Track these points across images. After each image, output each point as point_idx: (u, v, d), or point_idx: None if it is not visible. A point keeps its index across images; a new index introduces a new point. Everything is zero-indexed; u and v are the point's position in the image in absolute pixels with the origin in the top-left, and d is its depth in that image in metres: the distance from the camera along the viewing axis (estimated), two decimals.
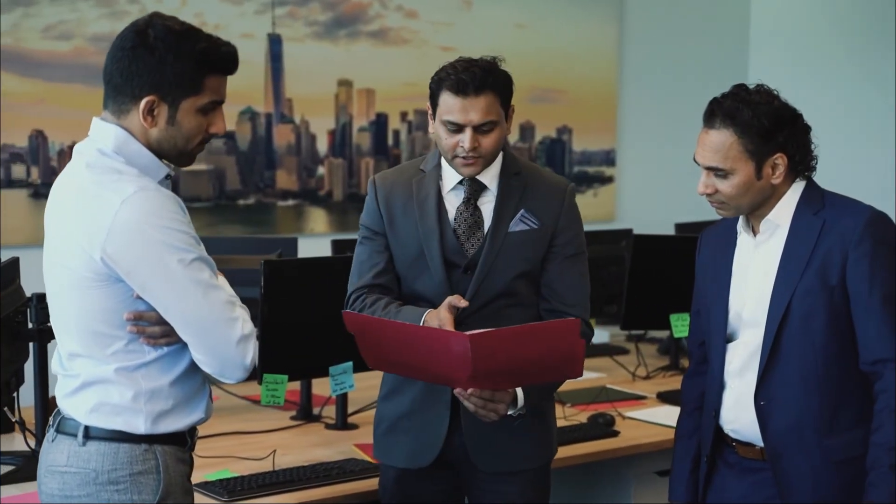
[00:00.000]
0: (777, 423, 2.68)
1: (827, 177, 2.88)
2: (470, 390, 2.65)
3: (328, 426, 3.78)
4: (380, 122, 6.09)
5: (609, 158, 6.97)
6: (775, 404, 2.67)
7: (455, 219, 2.89)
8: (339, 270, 3.23)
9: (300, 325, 3.51)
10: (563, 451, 3.52)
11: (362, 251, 2.97)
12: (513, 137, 6.40)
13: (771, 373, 2.68)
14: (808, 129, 2.70)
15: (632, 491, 3.84)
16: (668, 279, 4.37)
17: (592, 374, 4.56)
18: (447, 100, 2.78)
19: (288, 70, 5.80)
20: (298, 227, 5.86)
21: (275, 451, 3.40)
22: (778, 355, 2.67)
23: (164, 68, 2.27)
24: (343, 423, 3.76)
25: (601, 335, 5.29)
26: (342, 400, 3.75)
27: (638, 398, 4.20)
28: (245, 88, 5.61)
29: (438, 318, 2.71)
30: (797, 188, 2.71)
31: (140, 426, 2.33)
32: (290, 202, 5.91)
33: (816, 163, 2.72)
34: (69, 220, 2.30)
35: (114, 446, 2.32)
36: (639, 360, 4.72)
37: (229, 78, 2.39)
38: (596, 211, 6.80)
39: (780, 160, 2.65)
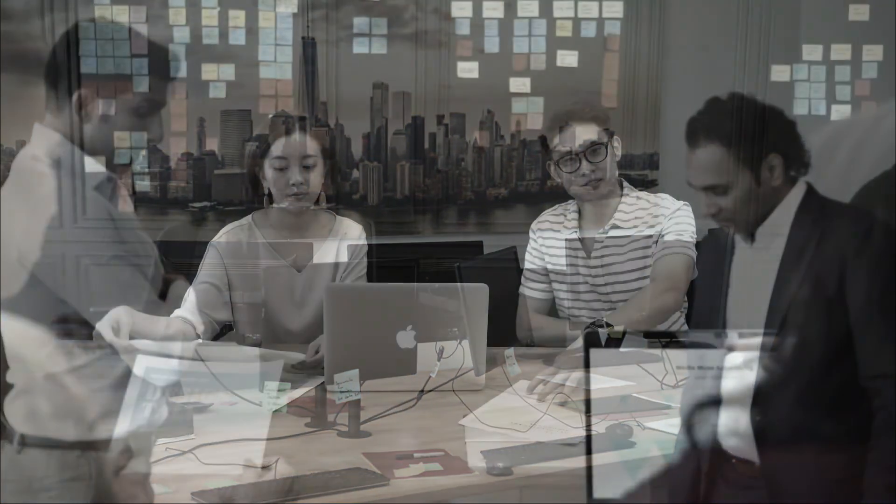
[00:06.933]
0: (772, 440, 2.58)
1: None
2: None
3: (340, 434, 3.73)
4: (416, 126, 6.04)
5: (652, 162, 6.84)
6: (771, 420, 2.57)
7: None
8: None
9: None
10: (579, 462, 3.48)
11: None
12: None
13: (766, 387, 2.57)
14: (793, 122, 2.60)
15: None
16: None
17: (619, 382, 4.46)
18: None
19: (322, 73, 5.77)
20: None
21: (278, 458, 3.35)
22: (773, 369, 2.56)
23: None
24: (356, 430, 3.71)
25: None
26: (355, 407, 3.69)
27: (663, 407, 4.08)
28: (278, 91, 5.57)
29: None
30: (797, 194, 2.60)
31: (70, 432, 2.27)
32: (324, 206, 5.87)
33: (810, 158, 2.60)
34: None
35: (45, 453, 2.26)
36: (666, 367, 4.59)
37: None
38: None
39: (776, 160, 2.56)
